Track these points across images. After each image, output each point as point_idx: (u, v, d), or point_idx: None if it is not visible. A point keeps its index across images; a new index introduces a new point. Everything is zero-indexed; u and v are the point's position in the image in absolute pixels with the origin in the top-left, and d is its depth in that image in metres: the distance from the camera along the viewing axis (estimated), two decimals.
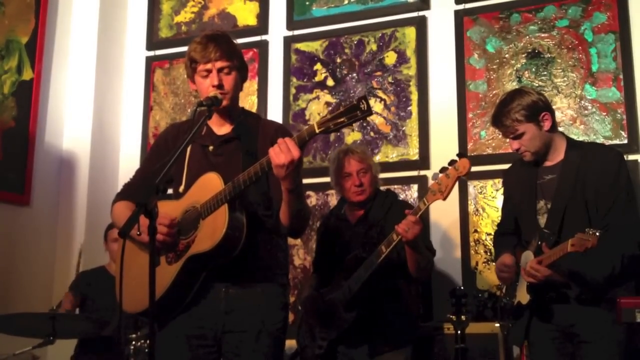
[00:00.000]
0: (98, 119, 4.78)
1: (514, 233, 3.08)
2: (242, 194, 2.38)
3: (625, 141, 3.83)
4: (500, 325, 3.39)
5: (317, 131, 2.17)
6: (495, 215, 3.96)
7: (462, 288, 3.41)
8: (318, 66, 4.61)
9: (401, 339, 3.22)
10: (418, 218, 2.93)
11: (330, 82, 4.57)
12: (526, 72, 4.11)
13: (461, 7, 4.30)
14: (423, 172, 4.19)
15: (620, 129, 3.86)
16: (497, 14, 4.23)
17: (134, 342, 3.47)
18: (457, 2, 4.31)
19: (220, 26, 4.81)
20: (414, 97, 4.33)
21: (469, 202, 4.08)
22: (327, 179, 4.27)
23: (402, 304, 3.28)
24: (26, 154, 4.42)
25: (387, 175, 4.04)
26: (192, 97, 4.86)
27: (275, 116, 4.55)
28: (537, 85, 4.02)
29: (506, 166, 3.30)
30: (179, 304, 2.47)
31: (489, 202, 4.05)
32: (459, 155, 2.87)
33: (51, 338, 3.41)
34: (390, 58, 4.44)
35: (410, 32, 4.41)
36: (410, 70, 4.37)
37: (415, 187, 4.20)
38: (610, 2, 3.98)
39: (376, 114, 4.37)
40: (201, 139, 2.59)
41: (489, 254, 3.96)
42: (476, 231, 4.05)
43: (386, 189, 3.57)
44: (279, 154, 2.21)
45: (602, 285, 2.69)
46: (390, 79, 4.42)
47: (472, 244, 4.04)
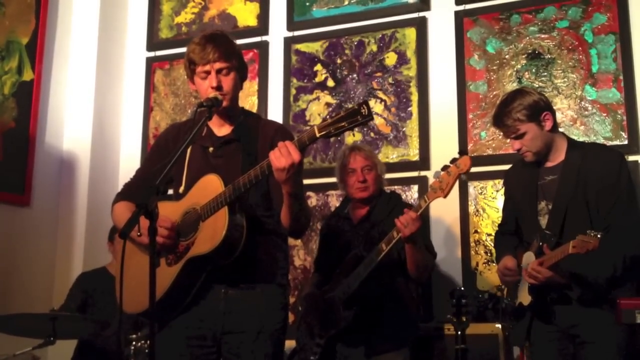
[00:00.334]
0: (98, 119, 4.78)
1: (515, 234, 3.08)
2: (242, 196, 2.38)
3: (626, 142, 3.83)
4: (502, 326, 3.39)
5: (318, 135, 2.17)
6: (495, 216, 3.96)
7: (462, 289, 3.41)
8: (318, 67, 4.61)
9: (400, 339, 3.22)
10: (418, 215, 2.93)
11: (330, 82, 4.56)
12: (526, 73, 4.11)
13: (461, 8, 4.30)
14: (423, 173, 4.19)
15: (621, 129, 3.86)
16: (497, 15, 4.23)
17: (134, 342, 3.47)
18: (457, 3, 4.31)
19: (221, 27, 4.79)
20: (414, 97, 4.33)
21: (469, 203, 4.08)
22: (327, 180, 4.32)
23: (401, 303, 3.28)
24: (26, 155, 4.42)
25: (388, 175, 3.98)
26: (193, 97, 4.86)
27: (275, 117, 4.55)
28: (537, 86, 4.01)
29: (506, 167, 3.30)
30: (179, 305, 2.48)
31: (490, 202, 4.05)
32: (460, 152, 2.87)
33: (51, 338, 3.40)
34: (391, 59, 4.44)
35: (411, 33, 4.41)
36: (410, 71, 4.37)
37: (415, 187, 4.20)
38: (611, 3, 3.98)
39: (376, 114, 4.36)
40: (201, 140, 2.59)
41: (490, 254, 3.96)
42: (476, 232, 4.05)
43: (390, 191, 3.56)
44: (280, 157, 2.20)
45: (604, 286, 2.69)
46: (390, 80, 4.41)
47: (472, 244, 4.04)
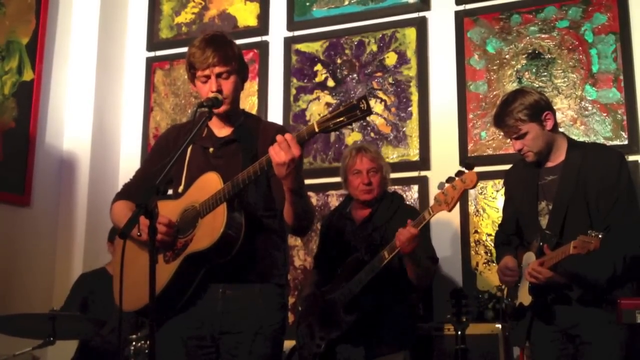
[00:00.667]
0: (98, 119, 4.77)
1: (515, 234, 3.08)
2: (241, 193, 2.38)
3: (626, 142, 3.82)
4: (502, 326, 3.39)
5: (317, 130, 2.16)
6: (495, 216, 3.95)
7: (462, 289, 3.41)
8: (318, 67, 4.61)
9: (399, 341, 3.22)
10: (418, 232, 2.92)
11: (330, 82, 4.56)
12: (526, 73, 4.10)
13: (461, 7, 4.29)
14: (423, 173, 4.19)
15: (621, 129, 3.86)
16: (497, 15, 4.22)
17: (134, 342, 3.46)
18: (458, 3, 4.30)
19: (221, 27, 4.79)
20: (414, 97, 4.32)
21: (470, 203, 4.08)
22: (327, 180, 4.33)
23: (402, 307, 3.28)
24: (26, 155, 4.41)
25: None
26: (193, 97, 4.85)
27: (275, 117, 4.55)
28: (537, 86, 4.01)
29: (507, 167, 3.30)
30: (176, 302, 2.47)
31: (490, 202, 4.05)
32: (467, 165, 2.79)
33: (51, 339, 3.39)
34: (391, 59, 4.43)
35: (411, 33, 4.40)
36: (410, 71, 4.37)
37: (415, 187, 4.20)
38: (611, 3, 3.98)
39: (376, 114, 4.36)
40: (201, 141, 2.59)
41: (490, 254, 3.95)
42: (476, 232, 4.05)
43: (393, 192, 3.55)
44: (279, 152, 2.19)
45: (604, 286, 2.69)
46: (390, 80, 4.41)
47: (472, 244, 4.04)
